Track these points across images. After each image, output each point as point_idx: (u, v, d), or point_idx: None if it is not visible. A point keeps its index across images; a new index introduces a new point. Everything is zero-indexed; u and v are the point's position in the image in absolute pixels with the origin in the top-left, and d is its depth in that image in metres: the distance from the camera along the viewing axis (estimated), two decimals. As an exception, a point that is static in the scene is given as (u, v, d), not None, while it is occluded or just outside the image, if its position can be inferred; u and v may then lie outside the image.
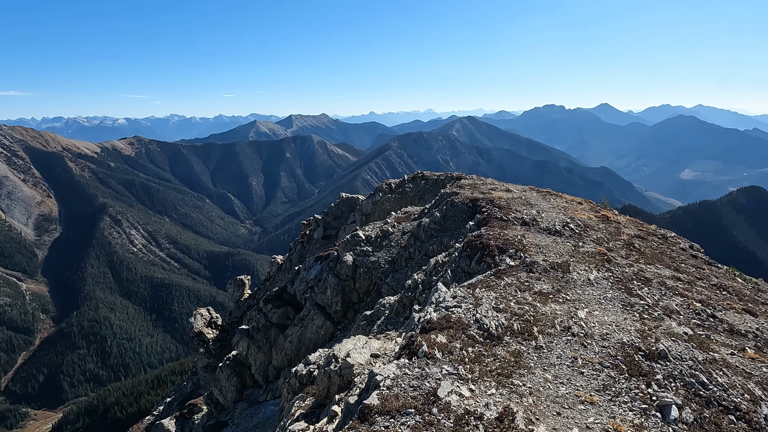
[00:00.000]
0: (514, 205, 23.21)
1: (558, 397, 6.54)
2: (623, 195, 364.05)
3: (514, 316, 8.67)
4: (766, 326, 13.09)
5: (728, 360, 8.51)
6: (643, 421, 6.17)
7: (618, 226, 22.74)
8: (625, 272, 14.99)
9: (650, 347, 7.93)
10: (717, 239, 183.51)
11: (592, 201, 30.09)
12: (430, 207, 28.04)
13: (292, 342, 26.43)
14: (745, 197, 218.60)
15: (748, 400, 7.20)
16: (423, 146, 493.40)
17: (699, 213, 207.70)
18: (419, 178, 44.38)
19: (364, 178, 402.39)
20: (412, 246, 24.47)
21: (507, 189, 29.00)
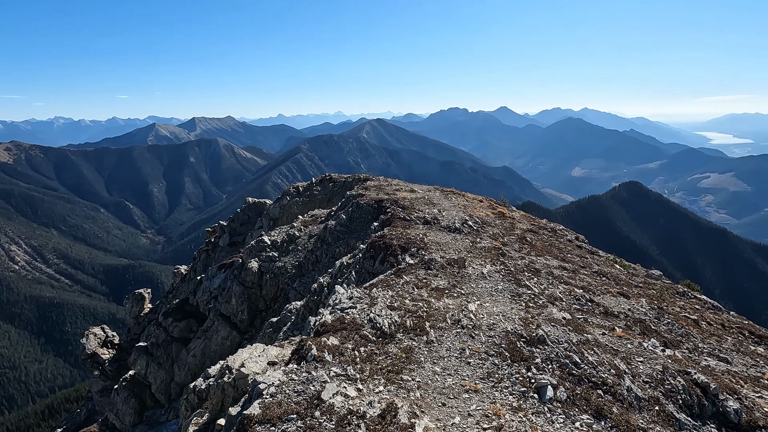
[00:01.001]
0: (417, 205, 23.84)
1: (445, 388, 6.79)
2: (523, 192, 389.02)
3: (408, 313, 8.88)
4: (636, 306, 14.56)
5: (599, 340, 9.34)
6: (521, 404, 6.57)
7: (513, 221, 24.17)
8: (517, 264, 15.95)
9: (531, 333, 8.48)
10: (604, 230, 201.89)
11: (492, 199, 31.77)
12: (336, 209, 28.02)
13: (195, 356, 25.11)
14: (626, 192, 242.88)
15: (613, 375, 7.93)
16: (334, 148, 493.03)
17: (588, 206, 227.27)
18: (327, 181, 44.22)
19: (274, 182, 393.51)
20: (318, 249, 24.28)
21: (411, 189, 29.72)
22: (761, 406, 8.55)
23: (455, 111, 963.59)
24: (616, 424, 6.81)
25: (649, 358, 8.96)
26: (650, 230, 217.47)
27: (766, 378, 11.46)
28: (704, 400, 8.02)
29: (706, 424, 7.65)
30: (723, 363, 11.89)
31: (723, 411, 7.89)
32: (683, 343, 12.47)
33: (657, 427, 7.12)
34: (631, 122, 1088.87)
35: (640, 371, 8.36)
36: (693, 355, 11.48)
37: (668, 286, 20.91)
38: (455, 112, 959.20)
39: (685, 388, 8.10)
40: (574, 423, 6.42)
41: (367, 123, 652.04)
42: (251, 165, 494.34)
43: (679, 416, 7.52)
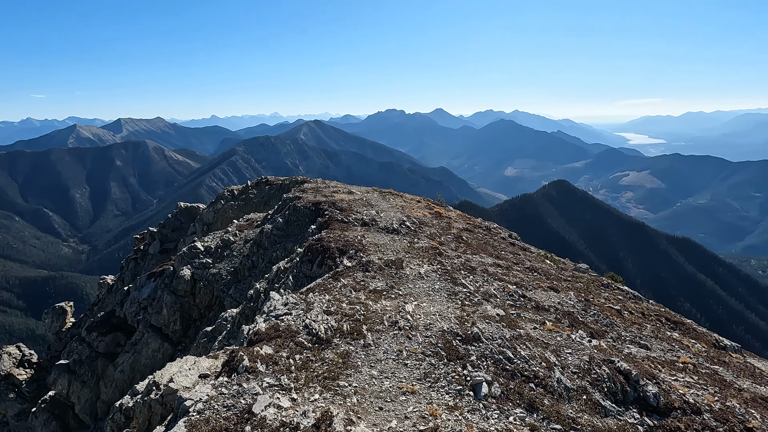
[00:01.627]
0: (355, 207, 23.75)
1: (382, 391, 6.74)
2: (460, 192, 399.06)
3: (344, 317, 8.77)
4: (565, 300, 15.22)
5: (531, 334, 9.66)
6: (457, 402, 6.65)
7: (449, 221, 24.64)
8: (454, 263, 16.24)
9: (467, 331, 8.62)
10: (535, 226, 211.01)
11: (430, 199, 32.26)
12: (273, 213, 27.39)
13: (123, 371, 23.67)
14: (555, 190, 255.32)
15: (544, 368, 8.22)
16: (271, 150, 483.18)
17: (521, 204, 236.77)
18: (263, 184, 43.20)
19: (209, 185, 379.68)
20: (255, 254, 23.62)
21: (349, 191, 29.60)
22: (677, 388, 9.17)
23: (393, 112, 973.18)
24: (547, 415, 7.04)
25: (576, 350, 9.37)
26: (577, 226, 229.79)
27: (681, 361, 12.33)
28: (627, 386, 8.49)
29: (629, 410, 8.09)
30: (643, 349, 12.67)
31: (644, 396, 8.38)
32: (608, 332, 13.18)
33: (585, 415, 7.44)
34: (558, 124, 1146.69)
35: (569, 362, 8.72)
36: (617, 344, 12.15)
37: (594, 279, 22.09)
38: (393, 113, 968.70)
39: (609, 376, 8.53)
40: (508, 418, 6.57)
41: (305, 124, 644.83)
42: (183, 168, 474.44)
43: (604, 403, 7.91)
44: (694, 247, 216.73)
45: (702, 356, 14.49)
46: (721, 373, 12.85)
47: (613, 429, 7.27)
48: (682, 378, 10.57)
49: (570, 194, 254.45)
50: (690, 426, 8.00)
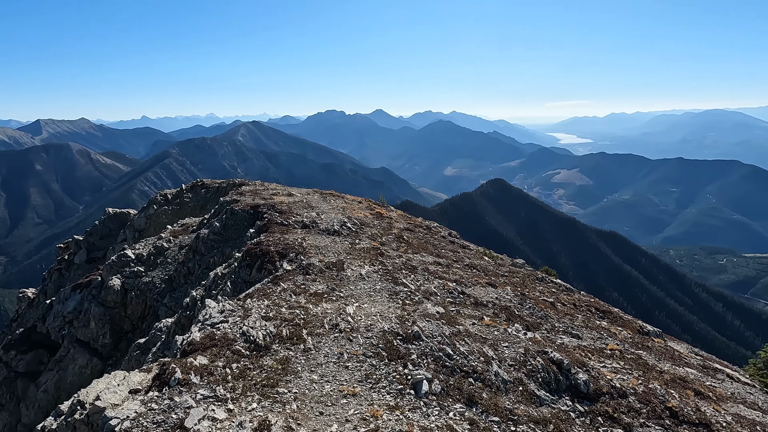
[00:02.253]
0: (295, 209, 23.40)
1: (323, 396, 6.66)
2: (401, 192, 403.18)
3: (284, 322, 8.60)
4: (502, 295, 15.71)
5: (470, 330, 9.90)
6: (398, 402, 6.69)
7: (391, 221, 24.81)
8: (395, 263, 16.36)
9: (407, 331, 8.70)
10: (475, 224, 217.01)
11: (371, 200, 32.34)
12: (209, 217, 26.47)
13: (47, 391, 22.03)
14: (492, 188, 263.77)
15: (483, 362, 8.44)
16: (207, 153, 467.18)
17: (460, 203, 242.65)
18: (199, 187, 41.68)
19: (141, 190, 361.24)
20: (191, 260, 22.72)
21: (289, 193, 29.15)
22: (605, 374, 9.70)
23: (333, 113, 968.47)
24: (486, 408, 7.22)
25: (513, 343, 9.70)
26: (514, 222, 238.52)
27: (609, 348, 13.06)
28: (560, 375, 8.88)
29: (562, 398, 8.47)
30: (575, 339, 13.32)
31: (575, 383, 8.80)
32: (542, 324, 13.74)
33: (521, 405, 7.70)
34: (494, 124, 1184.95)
35: (506, 356, 9.00)
36: (551, 335, 12.69)
37: (530, 273, 22.98)
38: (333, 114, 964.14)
39: (543, 366, 8.89)
40: (448, 413, 6.68)
41: (243, 125, 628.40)
42: (112, 172, 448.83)
43: (539, 393, 8.23)
44: (620, 239, 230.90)
45: (628, 342, 15.43)
46: (644, 357, 13.73)
47: (547, 417, 7.57)
48: (610, 364, 11.20)
49: (506, 192, 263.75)
50: (617, 409, 8.49)
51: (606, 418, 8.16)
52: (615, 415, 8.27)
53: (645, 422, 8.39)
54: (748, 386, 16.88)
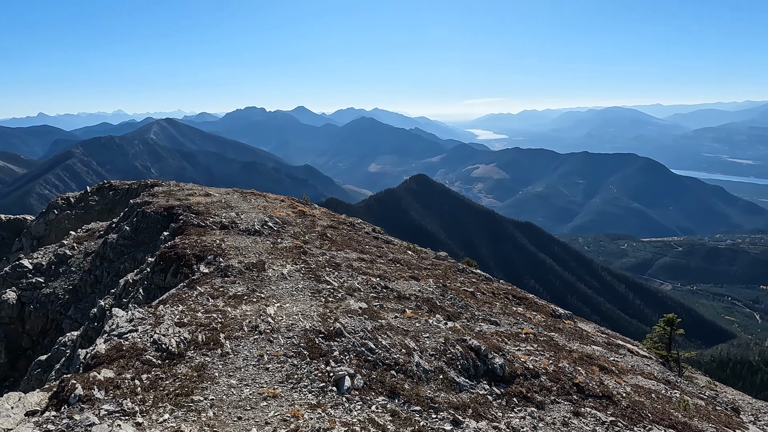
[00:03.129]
0: (213, 210, 22.51)
1: (241, 400, 6.48)
2: (326, 190, 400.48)
3: (200, 327, 8.24)
4: (425, 287, 16.09)
5: (392, 323, 10.05)
6: (320, 400, 6.65)
7: (314, 219, 24.57)
8: (319, 261, 16.22)
9: (329, 328, 8.67)
10: (400, 219, 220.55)
11: (295, 198, 31.82)
12: (118, 220, 24.78)
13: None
14: (415, 184, 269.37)
15: (405, 354, 8.60)
16: (116, 152, 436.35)
17: (385, 199, 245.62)
18: (107, 189, 38.89)
19: (40, 194, 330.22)
20: (98, 268, 21.16)
21: (206, 193, 27.98)
22: (519, 357, 10.25)
23: (252, 110, 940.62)
24: (408, 399, 7.37)
25: (434, 333, 9.97)
26: (438, 216, 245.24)
27: (524, 332, 13.81)
28: (477, 361, 9.26)
29: (480, 382, 8.84)
30: (493, 326, 13.94)
31: (492, 368, 9.22)
32: (463, 314, 14.25)
33: (442, 393, 7.94)
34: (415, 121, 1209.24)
35: (427, 346, 9.24)
36: (470, 323, 13.19)
37: (451, 265, 23.72)
38: (252, 111, 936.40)
39: (462, 354, 9.23)
40: (370, 407, 6.74)
41: (155, 123, 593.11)
42: (5, 174, 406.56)
43: (459, 380, 8.53)
44: (535, 229, 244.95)
45: (541, 326, 16.40)
46: (556, 338, 14.66)
47: (466, 402, 7.87)
48: (524, 347, 11.85)
49: (429, 187, 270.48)
50: (530, 389, 9.00)
51: (520, 398, 8.62)
52: (528, 394, 8.77)
53: (555, 399, 8.97)
54: (646, 358, 18.55)
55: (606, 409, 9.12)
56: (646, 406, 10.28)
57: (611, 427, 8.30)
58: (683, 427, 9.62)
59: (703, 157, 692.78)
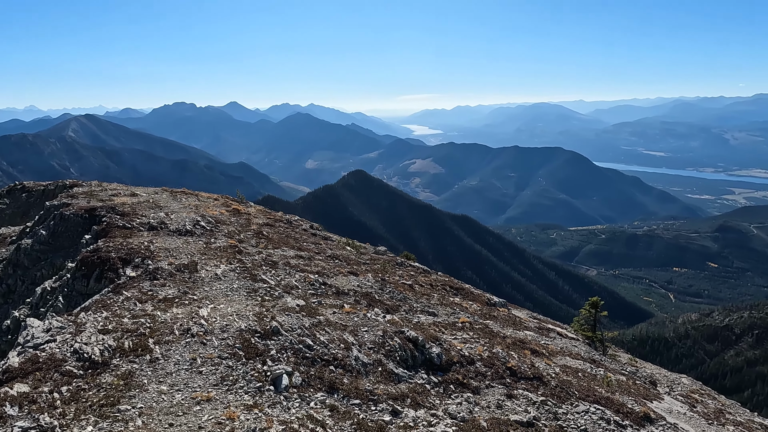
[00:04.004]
0: (140, 210, 21.42)
1: (173, 406, 6.23)
2: (262, 187, 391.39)
3: (126, 334, 7.83)
4: (364, 282, 16.15)
5: (330, 319, 10.02)
6: (257, 400, 6.53)
7: (249, 217, 23.98)
8: (255, 260, 15.87)
9: (266, 327, 8.51)
10: (339, 215, 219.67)
11: (229, 196, 30.87)
12: (33, 224, 23.00)
13: None
14: (354, 180, 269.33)
15: (343, 349, 8.62)
16: (29, 151, 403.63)
17: (323, 196, 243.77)
18: (19, 191, 35.97)
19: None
20: (11, 276, 19.54)
21: (133, 193, 26.57)
22: (455, 345, 10.56)
23: (182, 106, 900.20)
24: (347, 393, 7.39)
25: (372, 327, 10.05)
26: (377, 212, 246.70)
27: (461, 321, 14.22)
28: (416, 351, 9.44)
29: (419, 372, 9.02)
30: (431, 316, 14.24)
31: (429, 357, 9.44)
32: (401, 306, 14.45)
33: (381, 385, 8.03)
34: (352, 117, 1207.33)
35: (366, 340, 9.30)
36: (408, 315, 13.40)
37: (390, 259, 23.97)
38: (182, 107, 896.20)
39: (400, 345, 9.37)
40: (309, 404, 6.70)
41: (74, 119, 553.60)
42: None
43: (397, 371, 8.66)
44: (471, 222, 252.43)
45: (477, 314, 16.95)
46: (490, 326, 15.21)
47: (405, 392, 8.01)
48: (461, 336, 12.21)
49: (368, 183, 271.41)
50: (466, 375, 9.30)
51: (457, 385, 8.89)
52: (465, 381, 9.05)
53: (490, 383, 9.32)
54: (574, 340, 19.65)
55: (537, 389, 9.59)
56: (573, 384, 10.91)
57: (541, 406, 8.74)
58: (606, 401, 10.29)
59: (622, 150, 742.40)
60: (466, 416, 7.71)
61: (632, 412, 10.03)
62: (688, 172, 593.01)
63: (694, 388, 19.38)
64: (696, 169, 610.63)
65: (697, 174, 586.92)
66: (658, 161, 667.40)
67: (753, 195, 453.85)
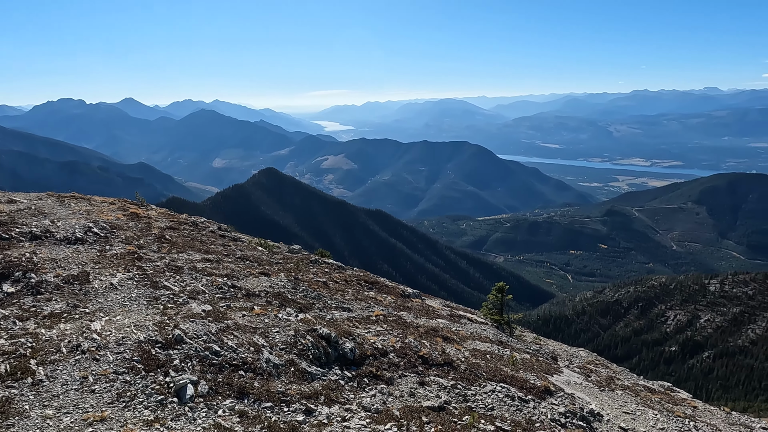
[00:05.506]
0: (20, 218, 19.29)
1: (61, 431, 5.68)
2: (166, 188, 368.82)
3: (2, 357, 7.01)
4: (276, 282, 15.80)
5: (239, 322, 9.68)
6: (159, 414, 6.15)
7: (149, 221, 22.50)
8: (157, 266, 14.91)
9: (168, 336, 8.04)
10: (251, 215, 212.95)
11: (127, 199, 28.70)
12: None
13: None
14: (265, 178, 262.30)
15: (253, 352, 8.36)
16: None
17: (233, 195, 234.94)
18: None
19: None
20: None
21: (10, 200, 23.84)
22: (369, 339, 10.66)
23: (68, 102, 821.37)
24: (258, 396, 7.19)
25: (284, 327, 9.85)
26: (291, 210, 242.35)
27: (375, 315, 14.38)
28: (329, 348, 9.40)
29: (332, 369, 9.00)
30: (346, 312, 14.27)
31: (343, 353, 9.44)
32: (315, 304, 14.33)
33: (294, 385, 7.91)
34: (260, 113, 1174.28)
35: (277, 341, 9.10)
36: (322, 313, 13.32)
37: (304, 258, 23.67)
38: (69, 103, 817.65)
39: (313, 343, 9.28)
40: (216, 412, 6.43)
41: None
42: None
43: (311, 369, 8.57)
44: (385, 216, 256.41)
45: (392, 307, 17.26)
46: (404, 317, 15.55)
47: (319, 390, 7.95)
48: (374, 329, 12.35)
49: (280, 181, 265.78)
50: (380, 367, 9.43)
51: (371, 378, 8.99)
52: (378, 373, 9.18)
53: (403, 373, 9.53)
54: (483, 324, 20.66)
55: (448, 374, 9.97)
56: (481, 366, 11.48)
57: (452, 390, 9.10)
58: (511, 379, 10.94)
59: (522, 143, 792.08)
60: (380, 407, 7.82)
61: (534, 387, 10.75)
62: (579, 162, 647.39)
63: (590, 360, 21.23)
64: (586, 160, 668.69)
65: (587, 164, 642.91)
66: (554, 153, 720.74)
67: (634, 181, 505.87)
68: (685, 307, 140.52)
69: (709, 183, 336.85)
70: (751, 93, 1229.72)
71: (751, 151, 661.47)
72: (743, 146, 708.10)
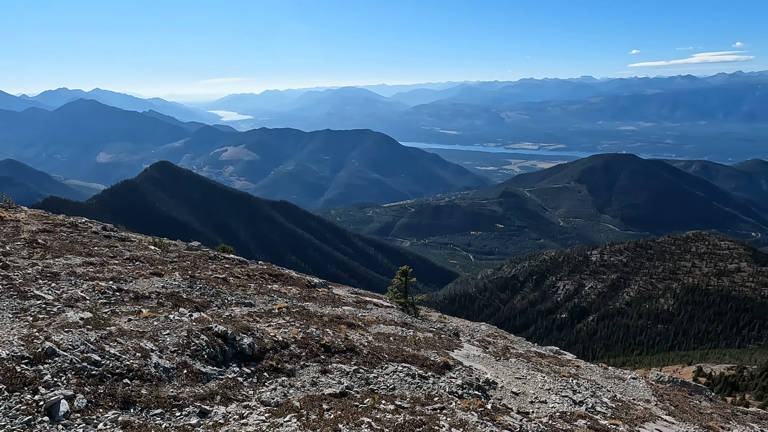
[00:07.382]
0: None
1: None
2: (41, 188, 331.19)
3: None
4: (169, 282, 14.88)
5: (124, 327, 8.99)
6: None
7: (17, 224, 20.16)
8: (27, 274, 13.38)
9: (36, 350, 7.24)
10: (145, 213, 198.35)
11: (-9, 201, 25.42)
12: None
13: None
14: (158, 172, 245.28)
15: (139, 358, 7.81)
16: None
17: (123, 192, 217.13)
18: None
19: None
20: None
21: None
22: (269, 333, 10.43)
23: None
24: (146, 404, 6.74)
25: (175, 328, 9.31)
26: (189, 205, 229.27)
27: (277, 308, 14.09)
28: (225, 346, 9.05)
29: (230, 366, 8.68)
30: (247, 307, 13.82)
31: (240, 349, 9.14)
32: (213, 302, 13.72)
33: (187, 388, 7.52)
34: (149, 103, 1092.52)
35: (168, 343, 8.58)
36: (221, 310, 12.80)
37: (202, 254, 22.55)
38: None
39: (208, 342, 8.87)
40: (96, 426, 5.93)
41: None
42: None
43: (205, 370, 8.19)
44: (291, 207, 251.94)
45: (296, 298, 17.02)
46: (308, 307, 15.43)
47: (215, 390, 7.64)
48: (275, 321, 12.11)
49: (175, 175, 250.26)
50: (280, 360, 9.27)
51: (271, 371, 8.80)
52: (279, 366, 9.01)
53: (305, 363, 9.46)
54: (389, 308, 21.12)
55: (350, 360, 10.06)
56: (384, 349, 11.73)
57: (354, 375, 9.20)
58: (413, 358, 11.32)
59: (422, 130, 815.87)
60: (280, 400, 7.69)
61: (434, 364, 11.21)
62: (476, 148, 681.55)
63: (490, 333, 22.55)
64: (482, 145, 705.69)
65: (483, 149, 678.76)
66: (452, 139, 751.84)
67: (524, 164, 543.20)
68: (572, 277, 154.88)
69: (588, 163, 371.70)
70: (620, 81, 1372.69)
71: (621, 134, 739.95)
72: (615, 129, 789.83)
